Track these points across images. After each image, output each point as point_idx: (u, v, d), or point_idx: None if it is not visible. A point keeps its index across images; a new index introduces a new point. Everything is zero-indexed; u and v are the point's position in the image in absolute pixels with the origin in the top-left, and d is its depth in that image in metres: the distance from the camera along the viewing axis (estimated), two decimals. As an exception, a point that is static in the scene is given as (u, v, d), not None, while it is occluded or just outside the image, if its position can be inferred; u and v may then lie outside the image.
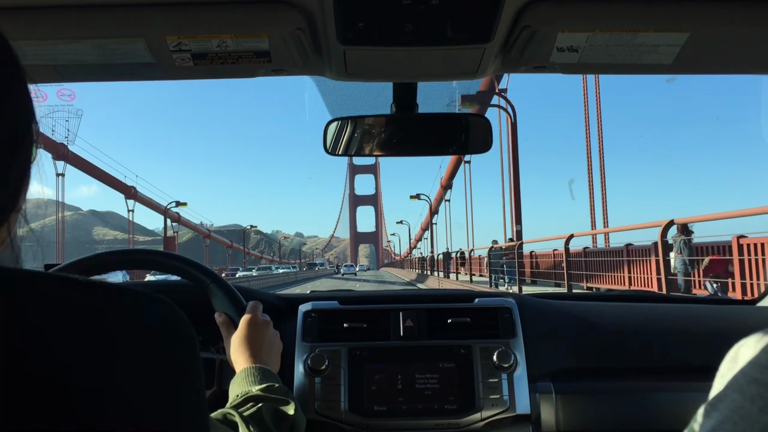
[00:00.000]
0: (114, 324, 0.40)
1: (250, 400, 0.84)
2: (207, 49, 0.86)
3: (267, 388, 0.87)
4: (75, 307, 0.39)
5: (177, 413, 0.42)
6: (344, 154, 1.18)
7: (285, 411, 0.84)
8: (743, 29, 0.82)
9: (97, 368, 0.38)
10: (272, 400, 0.85)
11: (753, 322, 1.26)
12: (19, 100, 0.47)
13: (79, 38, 0.83)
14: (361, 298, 1.35)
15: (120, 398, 0.38)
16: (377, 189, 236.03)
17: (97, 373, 0.37)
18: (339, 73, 0.97)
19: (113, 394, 0.37)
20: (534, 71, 0.95)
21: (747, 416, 0.35)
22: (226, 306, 1.05)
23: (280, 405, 0.85)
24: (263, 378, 0.90)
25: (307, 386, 1.15)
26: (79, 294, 0.40)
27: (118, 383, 0.38)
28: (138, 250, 1.12)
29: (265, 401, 0.84)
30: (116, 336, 0.40)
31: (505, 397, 1.13)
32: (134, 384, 0.39)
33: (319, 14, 0.80)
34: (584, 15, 0.80)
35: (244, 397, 0.85)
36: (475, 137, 1.19)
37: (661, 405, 1.14)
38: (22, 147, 0.47)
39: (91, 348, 0.38)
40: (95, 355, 0.38)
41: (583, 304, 1.36)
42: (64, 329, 0.37)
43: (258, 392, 0.85)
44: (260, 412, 0.82)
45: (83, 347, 0.38)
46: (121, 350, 0.39)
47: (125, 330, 0.41)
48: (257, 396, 0.85)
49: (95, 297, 0.41)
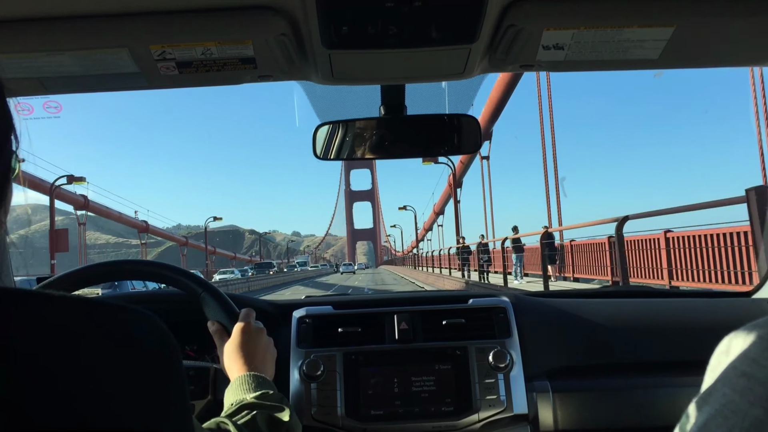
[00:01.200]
0: (89, 340, 0.40)
1: (245, 408, 0.85)
2: (192, 57, 0.87)
3: (262, 395, 0.87)
4: (49, 326, 0.39)
5: (159, 422, 0.42)
6: (335, 158, 1.19)
7: (280, 418, 0.85)
8: (729, 22, 0.83)
9: (72, 382, 0.38)
10: (267, 407, 0.86)
11: (747, 314, 1.28)
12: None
13: (63, 50, 0.84)
14: (355, 302, 1.36)
15: (100, 410, 0.38)
16: (374, 184, 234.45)
17: (75, 387, 0.38)
18: (325, 78, 0.98)
19: (93, 406, 0.38)
20: (521, 70, 0.97)
21: (737, 410, 0.35)
22: (219, 314, 1.06)
23: (274, 412, 0.85)
24: (258, 385, 0.90)
25: (303, 392, 1.16)
26: (54, 310, 0.40)
27: (97, 396, 0.38)
28: (128, 261, 1.12)
29: (260, 409, 0.85)
30: (92, 352, 0.40)
31: (502, 398, 1.15)
32: (113, 395, 0.39)
33: (303, 19, 0.81)
34: (569, 12, 0.81)
35: (238, 405, 0.85)
36: (464, 137, 1.21)
37: (658, 400, 1.16)
38: (1, 157, 0.47)
39: (65, 363, 0.38)
40: (70, 370, 0.38)
41: (578, 302, 1.37)
42: (38, 348, 0.37)
43: (253, 400, 0.86)
44: (255, 419, 0.82)
45: (57, 363, 0.38)
46: (97, 363, 0.39)
47: (101, 342, 0.41)
48: (252, 404, 0.85)
49: (68, 314, 0.41)
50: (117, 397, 0.39)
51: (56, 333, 0.39)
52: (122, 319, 0.43)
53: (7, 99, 0.49)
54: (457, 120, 1.20)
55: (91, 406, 0.38)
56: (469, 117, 1.20)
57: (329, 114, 1.21)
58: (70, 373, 0.38)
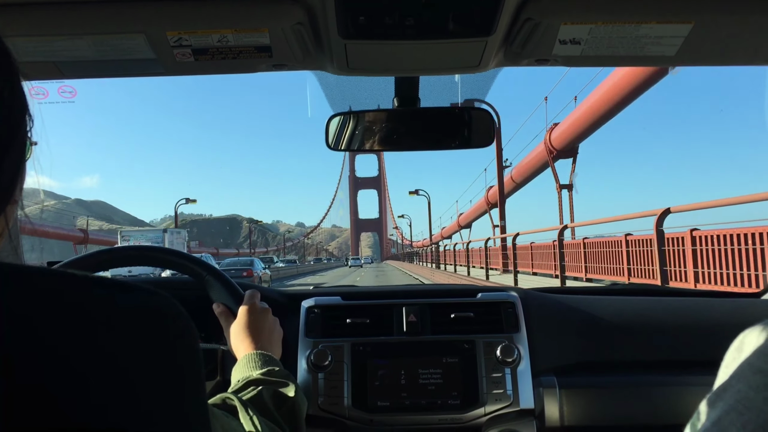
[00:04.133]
0: (106, 317, 0.41)
1: (251, 384, 0.89)
2: (208, 44, 0.90)
3: (268, 371, 0.92)
4: (68, 303, 0.40)
5: (178, 407, 0.43)
6: (346, 149, 1.23)
7: (285, 393, 0.89)
8: (748, 20, 0.86)
9: (89, 362, 0.39)
10: (272, 383, 0.90)
11: (757, 314, 1.31)
12: (11, 93, 0.49)
13: (80, 34, 0.87)
14: (364, 294, 1.41)
15: (117, 394, 0.39)
16: (381, 170, 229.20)
17: (90, 367, 0.39)
18: (340, 68, 1.01)
19: (107, 387, 0.39)
20: (536, 64, 0.99)
21: (752, 406, 0.36)
22: (224, 296, 1.13)
23: (280, 387, 0.90)
24: (264, 363, 0.95)
25: (310, 382, 1.21)
26: (72, 289, 0.42)
27: (114, 379, 0.39)
28: (133, 247, 1.19)
29: (266, 384, 0.89)
30: (109, 329, 0.41)
31: (508, 392, 1.19)
32: (132, 379, 0.40)
33: (320, 8, 0.84)
34: (587, 6, 0.84)
35: (244, 381, 0.90)
36: (477, 131, 1.24)
37: (665, 399, 1.20)
38: (16, 139, 0.50)
39: (83, 342, 0.39)
40: (86, 350, 0.39)
41: (586, 298, 1.41)
42: (56, 324, 0.39)
43: (259, 376, 0.91)
44: (260, 394, 0.86)
45: (78, 344, 0.39)
46: (114, 344, 0.41)
47: (118, 323, 0.42)
48: (257, 380, 0.90)
49: (87, 292, 0.42)
50: (138, 382, 0.41)
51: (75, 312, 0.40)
52: (148, 302, 0.45)
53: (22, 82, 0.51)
54: (472, 113, 1.24)
55: (111, 392, 0.39)
56: (483, 111, 1.23)
57: (342, 105, 1.25)
58: (89, 355, 0.39)
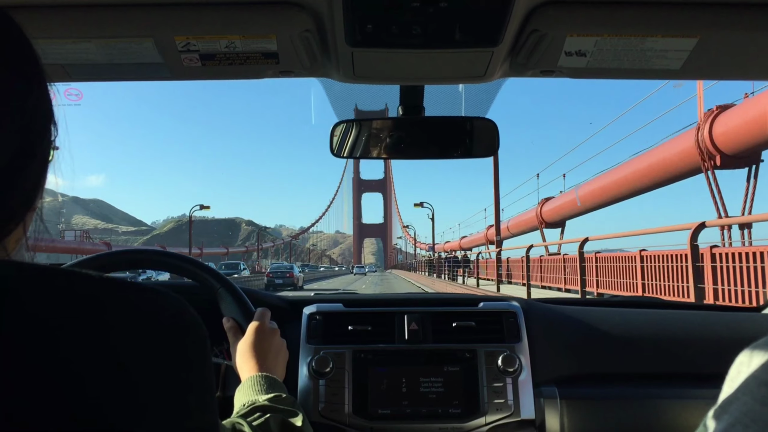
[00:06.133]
0: (121, 318, 0.43)
1: (258, 410, 0.90)
2: (215, 49, 0.93)
3: (274, 398, 0.93)
4: (82, 301, 0.42)
5: (185, 409, 0.45)
6: (350, 156, 1.27)
7: (293, 423, 0.91)
8: (754, 35, 0.88)
9: (102, 362, 0.40)
10: (280, 411, 0.91)
11: (759, 329, 1.34)
12: (38, 100, 0.51)
13: (88, 38, 0.91)
14: (365, 301, 1.45)
15: (126, 393, 0.41)
16: (387, 173, 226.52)
17: (103, 368, 0.40)
18: (347, 76, 1.04)
19: (119, 388, 0.40)
20: (542, 75, 1.03)
21: (758, 419, 0.37)
22: (235, 312, 1.13)
23: (288, 416, 0.91)
24: (270, 387, 0.97)
25: (311, 388, 1.24)
26: (89, 288, 0.43)
27: (124, 378, 0.41)
28: (148, 250, 1.22)
29: (273, 412, 0.90)
30: (124, 330, 0.42)
31: (509, 402, 1.22)
32: (141, 379, 0.42)
33: (327, 16, 0.88)
34: (593, 19, 0.87)
35: (251, 406, 0.91)
36: (481, 140, 1.28)
37: (666, 412, 1.22)
38: (40, 147, 0.52)
39: (97, 342, 0.41)
40: (100, 350, 0.41)
41: (589, 310, 1.44)
42: (69, 322, 0.40)
43: (265, 402, 0.92)
44: (268, 423, 0.88)
45: (90, 341, 0.41)
46: (128, 345, 0.42)
47: (133, 324, 0.43)
48: (265, 406, 0.91)
49: (104, 291, 0.44)
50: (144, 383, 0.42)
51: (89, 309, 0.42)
52: (163, 305, 0.47)
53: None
54: (476, 123, 1.27)
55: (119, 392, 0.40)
56: (487, 120, 1.26)
57: (347, 112, 1.29)
58: (102, 355, 0.41)
